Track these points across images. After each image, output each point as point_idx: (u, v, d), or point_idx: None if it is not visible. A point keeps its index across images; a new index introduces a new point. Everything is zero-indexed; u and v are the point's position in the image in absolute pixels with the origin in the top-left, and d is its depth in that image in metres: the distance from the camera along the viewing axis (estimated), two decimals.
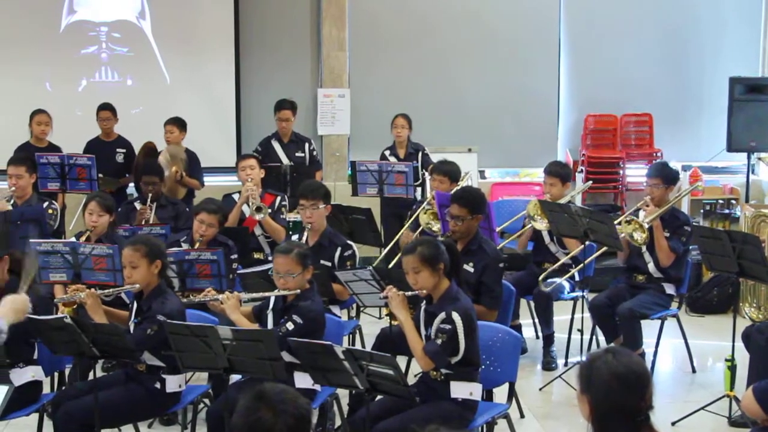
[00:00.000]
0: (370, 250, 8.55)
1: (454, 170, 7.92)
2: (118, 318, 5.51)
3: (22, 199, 7.74)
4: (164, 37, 10.85)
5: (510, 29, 11.26)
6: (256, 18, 10.97)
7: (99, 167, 8.61)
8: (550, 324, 7.45)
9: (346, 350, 4.51)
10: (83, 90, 10.80)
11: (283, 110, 9.59)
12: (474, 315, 4.97)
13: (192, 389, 5.59)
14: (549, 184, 7.69)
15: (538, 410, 6.58)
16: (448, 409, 4.86)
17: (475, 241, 6.27)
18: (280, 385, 2.85)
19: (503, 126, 11.29)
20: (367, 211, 7.85)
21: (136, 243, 5.39)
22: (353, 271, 6.04)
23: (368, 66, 11.15)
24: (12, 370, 5.19)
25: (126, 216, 7.98)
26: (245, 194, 7.76)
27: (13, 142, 9.34)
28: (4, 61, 10.56)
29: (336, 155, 11.00)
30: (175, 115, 9.54)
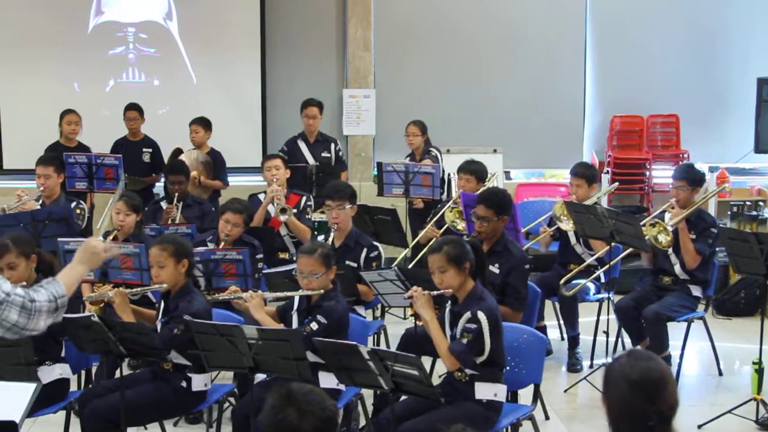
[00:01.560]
0: (395, 251, 8.55)
1: (481, 170, 7.90)
2: (145, 317, 5.55)
3: (50, 198, 7.80)
4: (191, 37, 10.90)
5: (536, 29, 11.23)
6: (282, 18, 11.00)
7: (125, 167, 8.67)
8: (575, 325, 7.43)
9: (371, 350, 4.51)
10: (111, 90, 10.87)
11: (310, 107, 9.61)
12: (499, 315, 4.97)
13: (217, 388, 5.62)
14: (575, 185, 7.66)
15: (563, 412, 6.57)
16: (472, 410, 4.85)
17: (501, 242, 6.26)
18: (307, 386, 2.86)
19: (529, 127, 11.26)
20: (393, 211, 7.86)
21: (163, 242, 5.42)
22: (378, 272, 6.04)
23: (393, 66, 11.15)
24: (40, 367, 5.22)
25: (153, 215, 8.03)
26: (270, 195, 7.78)
27: (43, 142, 9.42)
28: (34, 61, 10.65)
29: (361, 155, 11.01)
30: (201, 115, 9.58)
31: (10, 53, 10.65)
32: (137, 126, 9.75)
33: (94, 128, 9.85)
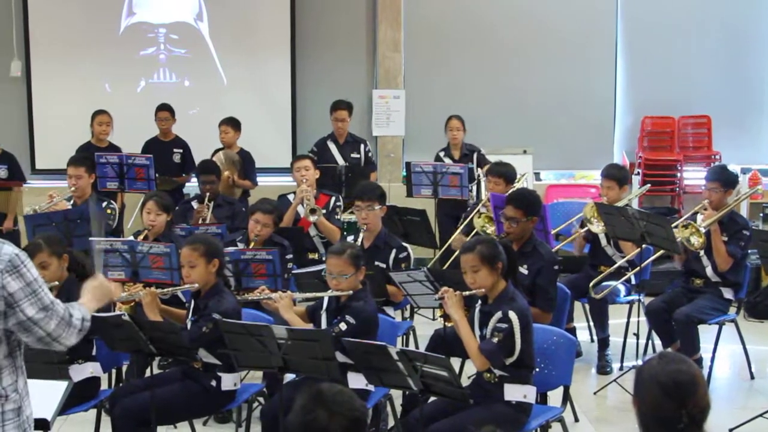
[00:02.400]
0: (424, 252, 8.55)
1: (510, 172, 7.88)
2: (175, 317, 5.58)
3: (82, 198, 7.85)
4: (221, 38, 10.96)
5: (566, 29, 11.19)
6: (312, 19, 11.03)
7: (156, 167, 8.71)
8: (605, 327, 7.39)
9: (400, 351, 4.51)
10: (142, 91, 10.95)
11: (339, 110, 9.63)
12: (530, 316, 4.95)
13: (247, 387, 5.63)
14: (606, 187, 7.62)
15: (592, 414, 6.54)
16: (501, 412, 4.84)
17: (530, 243, 6.24)
18: (337, 386, 2.86)
19: (559, 127, 11.21)
20: (422, 212, 7.85)
21: (194, 242, 5.45)
22: (407, 272, 6.03)
23: (423, 67, 11.14)
24: (71, 366, 5.26)
25: (183, 215, 8.07)
26: (300, 195, 7.79)
27: (74, 143, 9.49)
28: (66, 62, 10.76)
29: (390, 156, 11.01)
30: (230, 116, 9.61)
31: (43, 54, 10.75)
32: (168, 126, 9.80)
33: (125, 128, 9.91)
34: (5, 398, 3.26)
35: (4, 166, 9.09)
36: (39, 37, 10.73)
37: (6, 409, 3.27)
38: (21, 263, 3.23)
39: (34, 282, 3.26)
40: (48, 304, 3.27)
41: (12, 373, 3.30)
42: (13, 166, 9.21)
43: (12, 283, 3.20)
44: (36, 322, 3.25)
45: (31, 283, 3.25)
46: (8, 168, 9.11)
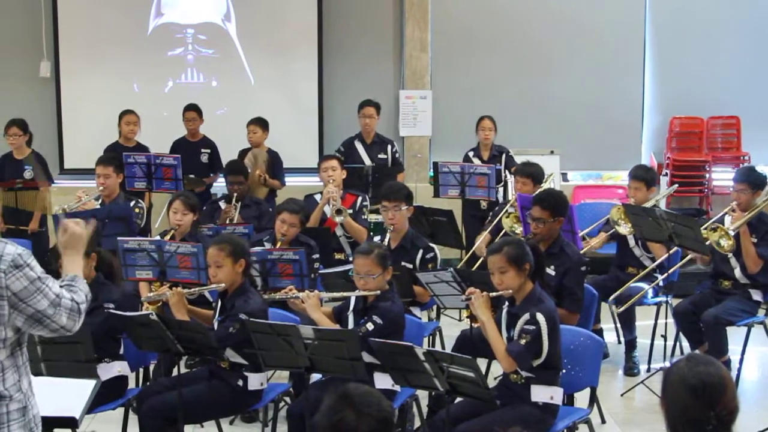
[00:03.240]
0: (451, 252, 8.53)
1: (538, 172, 7.87)
2: (202, 317, 5.60)
3: (110, 198, 7.89)
4: (249, 38, 10.99)
5: (595, 29, 11.14)
6: (339, 19, 11.04)
7: (184, 167, 8.75)
8: (632, 329, 7.36)
9: (426, 352, 4.51)
10: (169, 91, 11.00)
11: (367, 107, 9.63)
12: (557, 317, 4.94)
13: (273, 387, 5.65)
14: (634, 188, 7.58)
15: (619, 416, 6.51)
16: (528, 413, 4.83)
17: (557, 244, 6.22)
18: (364, 386, 2.86)
19: (586, 128, 11.16)
20: (449, 213, 7.84)
21: (221, 242, 5.47)
22: (434, 273, 6.04)
23: (450, 67, 11.12)
24: (99, 364, 5.28)
25: (211, 215, 8.10)
26: (326, 196, 7.80)
27: (102, 142, 9.55)
28: (95, 63, 10.82)
29: (417, 156, 11.00)
30: (258, 116, 9.64)
31: (72, 55, 10.82)
32: (196, 126, 9.83)
33: (153, 128, 9.97)
34: (9, 398, 3.26)
35: (30, 166, 9.15)
36: (68, 38, 10.80)
37: (11, 409, 3.27)
38: (24, 263, 3.24)
39: (38, 280, 3.27)
40: (54, 299, 3.27)
41: (14, 373, 3.30)
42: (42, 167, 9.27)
43: (16, 283, 3.21)
44: (46, 315, 3.27)
45: (35, 281, 3.26)
46: (33, 168, 9.17)
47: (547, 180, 8.09)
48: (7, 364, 3.27)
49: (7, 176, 8.80)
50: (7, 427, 3.25)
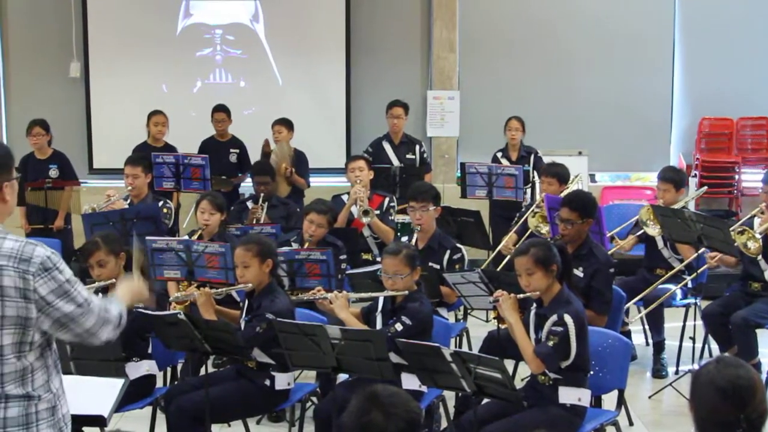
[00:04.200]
0: (478, 253, 8.52)
1: (563, 172, 7.85)
2: (229, 317, 5.61)
3: (139, 197, 7.93)
4: (277, 39, 11.02)
5: (623, 29, 11.09)
6: (367, 20, 11.05)
7: (212, 167, 8.78)
8: (660, 331, 7.32)
9: (454, 352, 4.50)
10: (198, 91, 11.05)
11: (395, 107, 9.62)
12: (585, 319, 4.92)
13: (300, 387, 5.65)
14: (662, 189, 7.54)
15: (647, 418, 6.47)
16: (556, 415, 4.81)
17: (585, 245, 6.20)
18: (391, 387, 2.86)
19: (615, 129, 11.12)
20: (476, 213, 7.83)
21: (248, 243, 5.48)
22: (461, 274, 6.03)
23: (478, 68, 11.11)
24: (127, 363, 5.30)
25: (238, 215, 8.12)
26: (354, 196, 7.81)
27: (131, 142, 9.60)
28: (124, 63, 10.89)
29: (445, 157, 10.99)
30: (284, 116, 9.66)
31: (101, 56, 10.90)
32: (225, 127, 9.87)
33: (181, 129, 10.01)
34: (38, 398, 3.27)
35: (54, 165, 9.21)
36: (97, 39, 10.88)
37: (39, 408, 3.27)
38: (53, 266, 3.22)
39: (67, 283, 3.25)
40: (82, 302, 3.27)
41: (44, 374, 3.31)
42: (65, 166, 9.33)
43: (44, 286, 3.20)
44: (73, 318, 3.26)
45: (63, 284, 3.24)
46: (59, 167, 9.23)
47: (574, 181, 8.06)
48: (36, 366, 3.28)
49: (32, 176, 8.86)
50: (36, 427, 3.26)
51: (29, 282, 3.18)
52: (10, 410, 3.21)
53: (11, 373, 3.21)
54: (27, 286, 3.17)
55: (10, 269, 3.16)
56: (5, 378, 3.20)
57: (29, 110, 10.54)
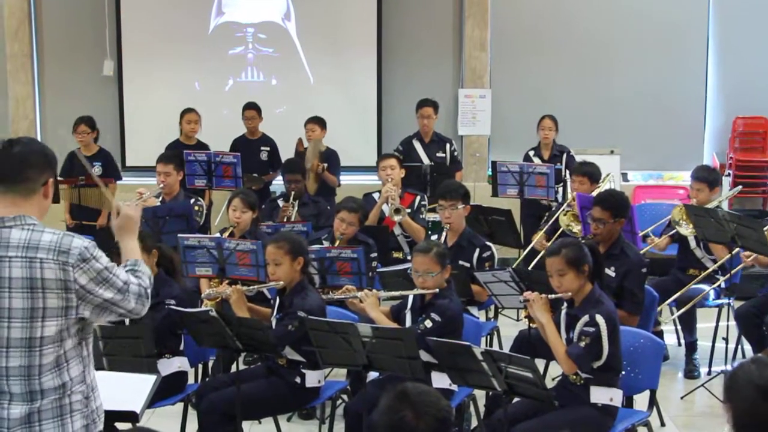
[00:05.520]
0: (509, 252, 8.49)
1: (595, 171, 7.82)
2: (260, 314, 5.63)
3: (170, 195, 7.97)
4: (308, 37, 11.03)
5: (657, 27, 11.01)
6: (399, 18, 11.04)
7: (243, 165, 8.81)
8: (693, 331, 7.26)
9: (484, 351, 4.49)
10: (230, 89, 11.09)
11: (425, 107, 9.62)
12: (617, 319, 4.90)
13: (331, 385, 5.67)
14: (696, 189, 7.48)
15: (679, 419, 6.43)
16: (587, 415, 4.79)
17: (617, 245, 6.17)
18: (422, 386, 2.86)
19: (648, 127, 11.04)
20: (507, 212, 7.81)
21: (279, 240, 5.50)
22: (492, 272, 6.01)
23: (510, 66, 11.08)
24: (159, 360, 5.34)
25: (269, 213, 8.15)
26: (385, 195, 7.81)
27: (163, 140, 9.65)
28: (157, 61, 10.96)
29: (476, 156, 10.97)
30: (316, 114, 9.68)
31: (134, 54, 10.96)
32: (255, 125, 9.90)
33: (213, 127, 10.06)
34: (71, 390, 3.33)
35: (98, 163, 9.29)
36: (131, 38, 10.95)
37: (73, 400, 3.33)
38: (90, 255, 3.28)
39: (105, 270, 3.32)
40: (122, 287, 3.34)
41: (79, 364, 3.36)
42: (109, 164, 9.41)
43: (83, 276, 3.26)
44: (114, 302, 3.33)
45: (101, 272, 3.30)
46: (102, 165, 9.31)
47: (605, 180, 8.02)
48: (72, 355, 3.34)
49: (76, 174, 8.92)
50: (69, 417, 3.32)
51: (69, 273, 3.24)
52: (45, 404, 3.27)
53: (48, 363, 3.27)
54: (67, 277, 3.24)
55: (51, 262, 3.23)
56: (43, 368, 3.26)
57: (63, 108, 10.66)
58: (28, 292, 3.22)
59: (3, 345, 3.25)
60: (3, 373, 3.26)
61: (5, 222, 3.27)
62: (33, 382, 3.26)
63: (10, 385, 3.26)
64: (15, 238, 3.25)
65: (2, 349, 3.25)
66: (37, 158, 3.35)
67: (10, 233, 3.25)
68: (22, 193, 3.31)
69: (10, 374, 3.25)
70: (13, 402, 3.26)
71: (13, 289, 3.22)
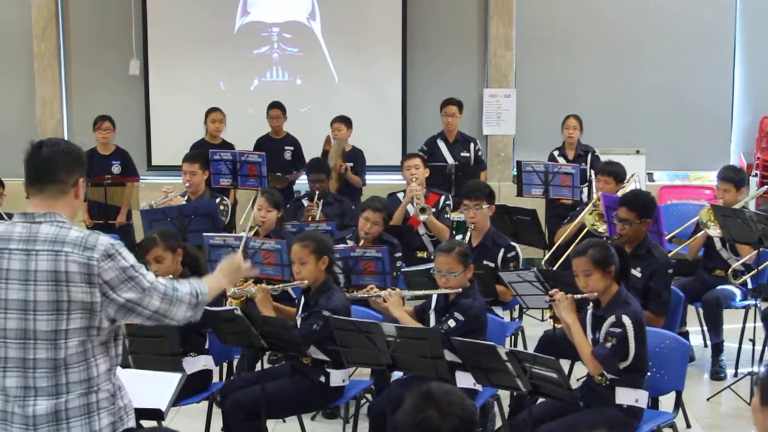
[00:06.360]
0: (534, 252, 8.47)
1: (619, 171, 7.79)
2: (285, 314, 5.64)
3: (196, 194, 8.01)
4: (333, 37, 11.04)
5: (683, 25, 10.93)
6: (424, 17, 11.03)
7: (267, 164, 8.83)
8: (719, 332, 7.21)
9: (509, 351, 4.49)
10: (255, 89, 11.11)
11: (449, 105, 9.62)
12: (644, 320, 4.87)
13: (355, 384, 5.67)
14: (722, 189, 7.44)
15: (705, 421, 6.39)
16: (612, 416, 4.77)
17: (644, 245, 6.14)
18: (446, 385, 2.85)
19: (673, 127, 10.97)
20: (532, 212, 7.79)
21: (305, 239, 5.50)
22: (517, 272, 6.00)
23: (535, 65, 11.04)
24: (184, 358, 5.36)
25: (294, 212, 8.16)
26: (410, 194, 7.81)
27: (189, 139, 9.69)
28: (182, 61, 11.00)
29: (501, 155, 10.95)
30: (342, 114, 9.68)
31: (160, 53, 11.01)
32: (280, 124, 9.92)
33: (238, 126, 10.09)
34: (98, 387, 3.36)
35: (117, 162, 9.34)
36: (157, 37, 11.00)
37: (100, 397, 3.37)
38: (116, 252, 3.33)
39: (130, 268, 3.35)
40: (147, 286, 3.36)
41: (106, 362, 3.41)
42: (127, 163, 9.47)
43: (108, 271, 3.30)
44: (137, 303, 3.36)
45: (126, 269, 3.34)
46: (121, 164, 9.36)
47: (630, 180, 7.99)
48: (99, 352, 3.38)
49: (95, 172, 8.97)
50: (96, 414, 3.35)
51: (93, 268, 3.29)
52: (71, 401, 3.31)
53: (74, 355, 3.31)
54: (91, 272, 3.29)
55: (76, 255, 3.28)
56: (69, 360, 3.31)
57: (90, 107, 10.71)
58: (53, 284, 3.27)
59: (30, 337, 3.30)
60: (30, 366, 3.31)
61: (35, 218, 3.34)
62: (59, 374, 3.30)
63: (36, 379, 3.30)
64: (43, 233, 3.32)
65: (29, 342, 3.30)
66: (66, 159, 3.41)
67: (39, 228, 3.32)
68: (53, 194, 3.38)
69: (37, 366, 3.30)
70: (39, 397, 3.30)
71: (39, 281, 3.28)
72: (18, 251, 3.31)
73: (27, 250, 3.30)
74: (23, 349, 3.31)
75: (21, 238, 3.32)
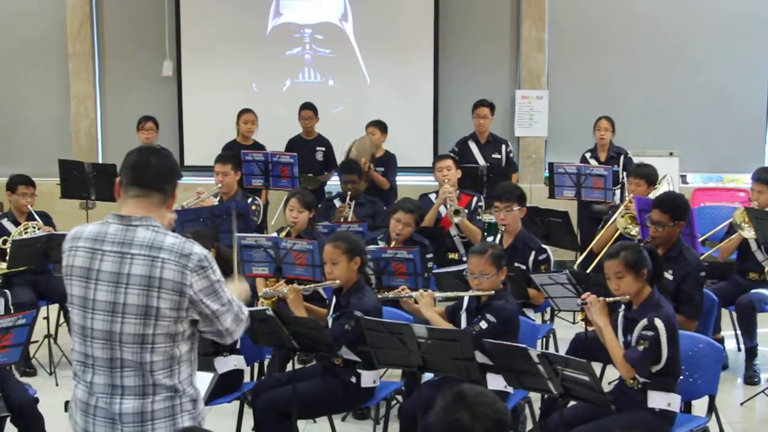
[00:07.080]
0: (566, 254, 8.44)
1: (651, 173, 7.74)
2: (316, 314, 5.65)
3: (228, 195, 8.04)
4: (365, 38, 11.06)
5: (717, 26, 10.85)
6: (456, 19, 11.01)
7: (299, 165, 8.85)
8: (753, 336, 7.15)
9: (541, 354, 4.47)
10: (287, 90, 11.15)
11: (481, 107, 9.61)
12: (676, 323, 4.84)
13: (386, 385, 5.67)
14: (757, 191, 7.38)
15: (738, 426, 6.34)
16: (644, 419, 4.74)
17: (676, 248, 6.10)
18: (478, 387, 2.85)
19: (707, 129, 10.89)
20: (564, 214, 7.76)
21: (337, 240, 5.51)
22: (549, 275, 5.98)
23: (567, 67, 11.00)
24: (216, 358, 5.39)
25: (325, 213, 8.18)
26: (443, 196, 7.80)
27: (221, 140, 9.74)
28: (215, 62, 11.06)
29: (533, 157, 10.92)
30: (373, 116, 9.69)
31: (193, 55, 11.08)
32: (312, 125, 9.94)
33: (270, 127, 10.12)
34: (182, 392, 3.41)
35: None
36: (190, 38, 11.07)
37: (183, 401, 3.42)
38: (208, 264, 3.38)
39: (217, 283, 3.41)
40: (226, 302, 3.42)
41: (188, 367, 3.46)
42: None
43: (199, 282, 3.34)
44: (217, 316, 3.41)
45: (214, 284, 3.39)
46: None
47: (662, 181, 7.94)
48: (184, 358, 3.43)
49: None
50: (181, 417, 3.40)
51: (186, 276, 3.32)
52: (157, 402, 3.35)
53: (160, 361, 3.35)
54: (184, 281, 3.32)
55: (172, 263, 3.31)
56: (155, 365, 3.34)
57: (124, 108, 10.81)
58: (144, 289, 3.30)
59: (116, 339, 3.33)
60: (117, 365, 3.35)
61: (132, 221, 3.37)
62: (146, 376, 3.34)
63: (123, 378, 3.34)
64: (140, 237, 3.34)
65: (115, 343, 3.33)
66: (172, 172, 3.53)
67: (135, 232, 3.35)
68: (155, 201, 3.44)
69: (124, 366, 3.34)
70: (126, 396, 3.35)
71: (131, 285, 3.31)
72: (111, 253, 3.34)
73: (122, 253, 3.32)
74: (109, 349, 3.34)
75: (116, 240, 3.35)
